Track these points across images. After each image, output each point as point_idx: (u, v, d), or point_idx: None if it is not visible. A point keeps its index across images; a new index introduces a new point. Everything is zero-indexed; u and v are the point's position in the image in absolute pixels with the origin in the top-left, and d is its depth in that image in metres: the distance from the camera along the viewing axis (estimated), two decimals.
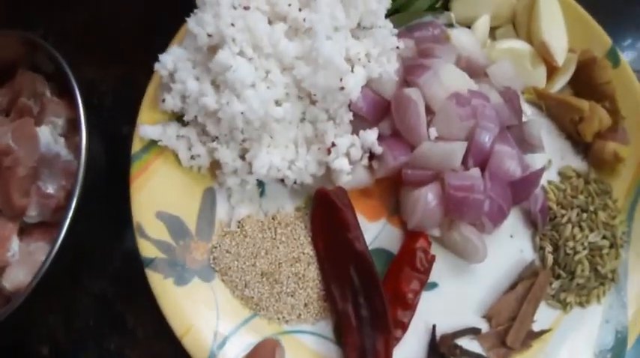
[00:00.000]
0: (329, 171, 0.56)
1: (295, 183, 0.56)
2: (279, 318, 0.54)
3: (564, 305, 0.59)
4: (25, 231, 0.52)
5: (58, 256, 0.48)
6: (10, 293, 0.50)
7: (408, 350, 0.55)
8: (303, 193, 0.58)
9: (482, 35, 0.64)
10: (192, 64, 0.53)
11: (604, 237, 0.60)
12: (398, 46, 0.56)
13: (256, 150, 0.53)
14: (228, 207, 0.57)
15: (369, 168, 0.57)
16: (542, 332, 0.57)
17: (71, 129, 0.55)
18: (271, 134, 0.54)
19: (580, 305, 0.59)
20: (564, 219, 0.60)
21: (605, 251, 0.60)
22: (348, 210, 0.54)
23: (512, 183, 0.57)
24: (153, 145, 0.55)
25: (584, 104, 0.62)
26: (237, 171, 0.55)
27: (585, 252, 0.59)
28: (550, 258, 0.59)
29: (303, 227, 0.57)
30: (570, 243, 0.59)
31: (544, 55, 0.63)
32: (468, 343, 0.56)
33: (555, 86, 0.65)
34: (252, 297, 0.54)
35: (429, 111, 0.56)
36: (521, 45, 0.63)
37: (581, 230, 0.60)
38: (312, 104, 0.55)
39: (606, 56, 0.65)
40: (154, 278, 0.52)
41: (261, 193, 0.58)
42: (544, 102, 0.65)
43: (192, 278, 0.54)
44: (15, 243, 0.51)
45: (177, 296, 0.52)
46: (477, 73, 0.61)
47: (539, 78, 0.64)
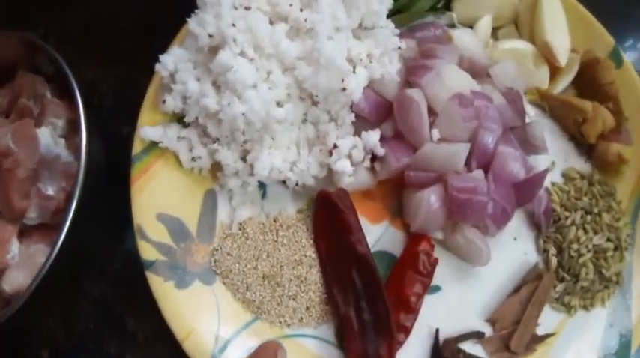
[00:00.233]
0: (331, 173, 0.56)
1: (297, 185, 0.56)
2: (280, 322, 0.54)
3: (568, 308, 0.58)
4: (25, 233, 0.52)
5: (57, 258, 0.47)
6: (10, 296, 0.50)
7: (410, 354, 0.54)
8: (304, 195, 0.58)
9: (484, 36, 0.64)
10: (193, 64, 0.53)
11: (608, 240, 0.59)
12: (400, 47, 0.55)
13: (257, 151, 0.53)
14: (229, 209, 0.57)
15: (371, 169, 0.57)
16: (546, 335, 0.57)
17: (71, 130, 0.55)
18: (273, 135, 0.53)
19: (584, 308, 0.59)
20: (568, 222, 0.59)
21: (610, 253, 0.59)
22: (350, 212, 0.54)
23: (515, 185, 0.56)
24: (153, 147, 0.55)
25: (587, 105, 0.62)
26: (238, 173, 0.55)
27: (589, 255, 0.58)
28: (554, 261, 0.59)
29: (304, 229, 0.56)
30: (574, 246, 0.59)
31: (547, 56, 0.63)
32: (471, 347, 0.56)
33: (558, 87, 0.65)
34: (254, 300, 0.53)
35: (431, 113, 0.55)
36: (524, 45, 0.63)
37: (585, 232, 0.59)
38: (314, 105, 0.55)
39: (609, 56, 0.65)
40: (154, 281, 0.52)
41: (263, 195, 0.58)
42: (547, 103, 0.64)
43: (193, 281, 0.53)
44: (15, 246, 0.51)
45: (178, 299, 0.52)
46: (480, 73, 0.60)
47: (541, 78, 0.64)
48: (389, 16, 0.58)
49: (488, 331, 0.57)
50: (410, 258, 0.54)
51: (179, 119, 0.56)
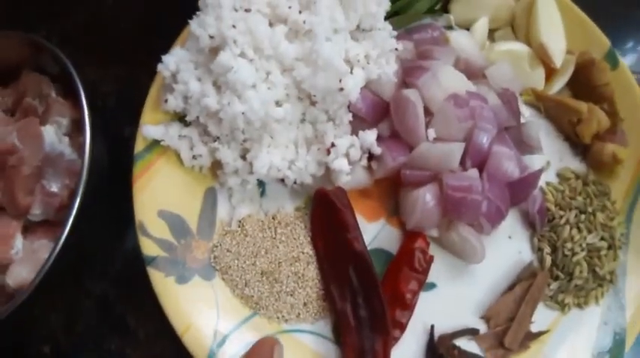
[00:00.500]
0: (328, 172, 0.57)
1: (295, 183, 0.57)
2: (278, 317, 0.55)
3: (562, 306, 0.59)
4: (29, 229, 0.53)
5: (60, 254, 0.48)
6: (13, 291, 0.51)
7: (406, 350, 0.55)
8: (303, 193, 0.59)
9: (481, 37, 0.65)
10: (194, 65, 0.54)
11: (602, 239, 0.60)
12: (397, 48, 0.56)
13: (257, 150, 0.54)
14: (229, 207, 0.58)
15: (368, 168, 0.58)
16: (540, 333, 0.58)
17: (75, 129, 0.56)
18: (272, 134, 0.54)
19: (578, 306, 0.60)
20: (562, 221, 0.60)
21: (604, 252, 0.60)
22: (347, 210, 0.55)
23: (510, 184, 0.57)
24: (155, 145, 0.56)
25: (582, 106, 0.63)
26: (238, 171, 0.56)
27: (583, 254, 0.59)
28: (548, 260, 0.60)
29: (302, 227, 0.57)
30: (568, 245, 0.59)
31: (542, 57, 0.64)
32: (466, 344, 0.57)
33: (554, 88, 0.65)
34: (252, 296, 0.54)
35: (427, 113, 0.56)
36: (520, 47, 0.64)
37: (580, 231, 0.60)
38: (312, 105, 0.56)
39: (605, 58, 0.66)
40: (155, 277, 0.53)
41: (262, 193, 0.59)
42: (542, 104, 0.65)
43: (193, 277, 0.54)
44: (19, 241, 0.52)
45: (178, 294, 0.53)
46: (476, 74, 0.61)
47: (537, 79, 0.65)
48: (386, 18, 0.59)
49: (482, 328, 0.57)
50: (406, 256, 0.55)
51: (180, 118, 0.57)
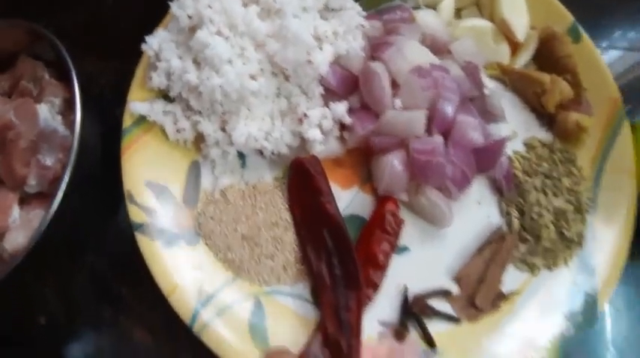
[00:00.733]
0: (304, 143, 0.61)
1: (273, 154, 0.61)
2: (259, 280, 0.58)
3: (532, 268, 0.61)
4: (25, 200, 0.57)
5: (54, 223, 0.52)
6: (10, 256, 0.55)
7: (381, 311, 0.58)
8: (281, 164, 0.63)
9: (447, 15, 0.68)
10: (175, 44, 0.59)
11: (568, 202, 0.63)
12: (363, 25, 0.60)
13: (235, 121, 0.58)
14: (212, 178, 0.62)
15: (340, 138, 0.61)
16: (511, 294, 0.60)
17: (68, 108, 0.60)
18: (248, 107, 0.58)
19: (547, 268, 0.62)
20: (529, 186, 0.63)
21: (570, 215, 0.62)
22: (320, 176, 0.58)
23: (476, 151, 0.60)
24: (142, 121, 0.60)
25: (545, 77, 0.66)
26: (218, 143, 0.60)
27: (550, 217, 0.62)
28: (516, 223, 0.62)
29: (280, 195, 0.61)
30: (535, 208, 0.62)
31: (505, 32, 0.67)
32: (439, 304, 0.59)
33: (519, 62, 0.69)
34: (234, 260, 0.58)
35: (395, 85, 0.60)
36: (484, 23, 0.67)
37: (546, 195, 0.63)
38: (287, 80, 0.60)
39: (567, 32, 0.69)
40: (142, 241, 0.56)
41: (243, 165, 0.63)
42: (508, 77, 0.69)
43: (179, 242, 0.58)
44: (16, 211, 0.56)
45: (164, 258, 0.56)
46: (441, 50, 0.65)
47: (502, 54, 0.68)
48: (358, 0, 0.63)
49: (454, 289, 0.60)
50: (377, 219, 0.58)
51: (165, 96, 0.62)
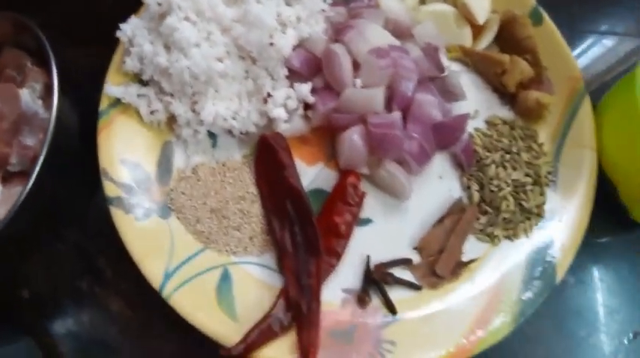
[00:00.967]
0: (270, 122, 0.64)
1: (242, 134, 0.64)
2: (227, 250, 0.61)
3: (492, 238, 0.64)
4: (7, 179, 0.61)
5: (31, 194, 0.55)
6: None
7: (344, 279, 0.60)
8: (249, 143, 0.66)
9: (411, 1, 0.71)
10: (147, 30, 0.62)
11: (527, 175, 0.65)
12: (324, 9, 0.64)
13: (203, 102, 0.61)
14: (185, 157, 0.65)
15: (305, 117, 0.64)
16: (470, 261, 0.62)
17: (48, 93, 0.64)
18: (216, 88, 0.62)
19: (508, 238, 0.64)
20: (489, 161, 0.66)
21: (529, 187, 0.65)
22: (284, 151, 0.61)
23: (436, 128, 0.63)
24: (118, 103, 0.64)
25: (505, 57, 0.68)
26: (189, 123, 0.63)
27: (509, 189, 0.64)
28: (476, 195, 0.65)
29: (248, 171, 0.64)
30: (495, 181, 0.65)
31: (467, 16, 0.70)
32: (401, 273, 0.62)
33: (481, 44, 0.72)
34: (203, 231, 0.61)
35: (357, 67, 0.63)
36: (445, 7, 0.70)
37: (505, 169, 0.65)
38: (254, 63, 0.64)
39: (529, 15, 0.72)
40: (116, 215, 0.60)
41: (214, 144, 0.66)
42: (470, 59, 0.71)
43: (151, 215, 0.61)
44: None
45: (137, 229, 0.59)
46: (404, 34, 0.68)
47: (465, 37, 0.71)
48: None
49: (416, 259, 0.63)
50: (339, 191, 0.61)
51: (140, 81, 0.65)
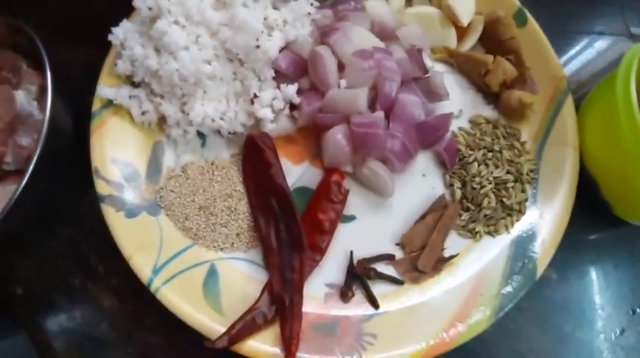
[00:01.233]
0: (258, 122, 0.66)
1: (230, 134, 0.66)
2: (215, 246, 0.63)
3: (474, 234, 0.65)
4: (3, 177, 0.63)
5: (25, 191, 0.57)
6: None
7: (328, 274, 0.62)
8: (237, 143, 0.68)
9: (397, 4, 0.73)
10: (138, 34, 0.64)
11: (508, 172, 0.67)
12: (310, 12, 0.65)
13: (192, 102, 0.63)
14: (175, 157, 0.67)
15: (291, 117, 0.66)
16: (451, 257, 0.64)
17: (43, 94, 0.66)
18: (205, 90, 0.64)
19: (489, 234, 0.65)
20: (471, 159, 0.67)
21: (510, 185, 0.66)
22: (269, 150, 0.63)
23: (419, 127, 0.65)
24: (110, 105, 0.66)
25: (488, 58, 0.70)
26: (179, 123, 0.65)
27: (491, 186, 0.66)
28: (458, 193, 0.66)
29: (236, 169, 0.66)
30: (477, 179, 0.66)
31: (451, 17, 0.71)
32: (384, 268, 0.63)
33: (466, 45, 0.73)
34: (192, 228, 0.63)
35: (342, 68, 0.65)
36: (430, 9, 0.72)
37: (487, 166, 0.67)
38: (242, 65, 0.65)
39: (513, 17, 0.73)
40: (107, 212, 0.62)
41: (203, 144, 0.68)
42: (455, 60, 0.73)
43: (141, 213, 0.63)
44: None
45: (127, 226, 0.61)
46: (389, 36, 0.69)
47: (449, 38, 0.73)
48: None
49: (399, 254, 0.64)
50: (323, 189, 0.63)
51: (132, 83, 0.67)
